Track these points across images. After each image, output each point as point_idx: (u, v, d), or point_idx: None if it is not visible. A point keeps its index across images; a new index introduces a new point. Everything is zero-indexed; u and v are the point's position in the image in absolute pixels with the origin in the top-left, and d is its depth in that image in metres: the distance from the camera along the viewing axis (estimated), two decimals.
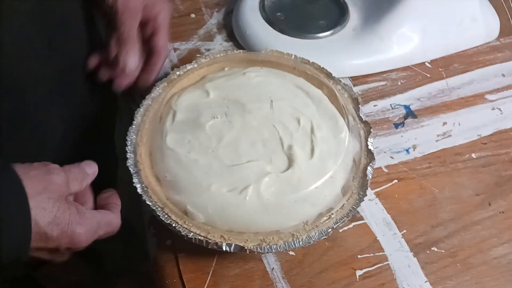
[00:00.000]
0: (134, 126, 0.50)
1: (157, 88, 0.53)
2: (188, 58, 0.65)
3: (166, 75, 0.55)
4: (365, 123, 0.52)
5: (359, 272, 0.47)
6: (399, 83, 0.63)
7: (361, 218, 0.50)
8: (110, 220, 0.42)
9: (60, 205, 0.36)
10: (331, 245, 0.48)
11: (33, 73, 0.44)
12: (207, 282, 0.46)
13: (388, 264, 0.48)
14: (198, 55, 0.65)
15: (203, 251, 0.47)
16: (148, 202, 0.44)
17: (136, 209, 0.53)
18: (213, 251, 0.45)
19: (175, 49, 0.66)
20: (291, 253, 0.48)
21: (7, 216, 0.33)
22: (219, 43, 0.67)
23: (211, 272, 0.47)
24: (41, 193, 0.35)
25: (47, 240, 0.36)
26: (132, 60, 0.48)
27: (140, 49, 0.51)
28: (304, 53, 0.58)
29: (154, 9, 0.50)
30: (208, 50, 0.66)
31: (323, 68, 0.56)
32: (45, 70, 0.45)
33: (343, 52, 0.63)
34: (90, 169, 0.43)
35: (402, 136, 0.58)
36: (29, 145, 0.48)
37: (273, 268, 0.47)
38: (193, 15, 0.70)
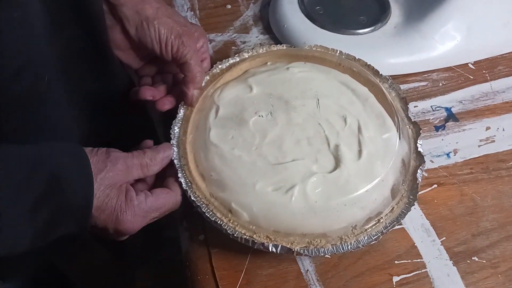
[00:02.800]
0: (177, 120, 0.49)
1: None
2: (223, 50, 0.64)
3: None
4: (414, 123, 0.50)
5: (396, 278, 0.46)
6: (441, 84, 0.61)
7: (399, 223, 0.49)
8: (164, 202, 0.43)
9: (110, 192, 0.40)
10: (368, 249, 0.47)
11: (43, 54, 0.43)
12: (240, 280, 0.45)
13: (426, 271, 0.46)
14: (233, 47, 0.64)
15: (236, 248, 0.46)
16: (193, 198, 0.44)
17: None
18: (246, 248, 0.44)
19: (210, 41, 0.65)
20: (327, 255, 0.47)
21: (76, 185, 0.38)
22: (255, 35, 0.66)
23: (244, 270, 0.46)
24: (96, 180, 0.39)
25: (96, 221, 0.40)
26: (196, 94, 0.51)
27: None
28: (343, 49, 0.56)
29: (199, 40, 0.53)
30: (244, 42, 0.65)
31: (369, 65, 0.54)
32: (53, 51, 0.44)
33: (383, 50, 0.61)
34: (164, 153, 0.45)
35: (442, 139, 0.56)
36: (42, 128, 0.47)
37: (307, 270, 0.46)
38: (229, 6, 0.69)
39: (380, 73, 0.54)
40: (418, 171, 0.47)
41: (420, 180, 0.46)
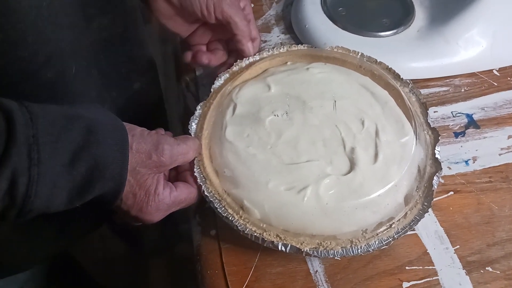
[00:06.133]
0: (195, 116, 0.50)
1: (220, 80, 0.53)
2: None
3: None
4: (433, 129, 0.49)
5: (405, 284, 0.45)
6: (463, 90, 0.60)
7: (412, 229, 0.48)
8: (186, 197, 0.44)
9: (140, 181, 0.41)
10: (378, 253, 0.47)
11: (72, 43, 0.44)
12: (249, 277, 0.46)
13: (438, 279, 0.45)
14: None
15: (247, 245, 0.46)
16: (206, 193, 0.45)
17: None
18: (256, 246, 0.45)
19: None
20: (336, 257, 0.46)
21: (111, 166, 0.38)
22: (276, 35, 0.66)
23: (253, 267, 0.46)
24: (133, 165, 0.40)
25: (121, 203, 0.41)
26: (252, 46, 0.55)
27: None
28: (364, 52, 0.56)
29: (241, 1, 0.55)
30: (265, 41, 0.65)
31: (390, 68, 0.54)
32: (82, 41, 0.46)
33: (405, 54, 0.61)
34: (194, 144, 0.46)
35: (461, 146, 0.55)
36: None
37: (316, 271, 0.46)
38: (252, 5, 0.69)
39: (401, 77, 0.53)
40: (435, 178, 0.46)
41: (435, 187, 0.46)
